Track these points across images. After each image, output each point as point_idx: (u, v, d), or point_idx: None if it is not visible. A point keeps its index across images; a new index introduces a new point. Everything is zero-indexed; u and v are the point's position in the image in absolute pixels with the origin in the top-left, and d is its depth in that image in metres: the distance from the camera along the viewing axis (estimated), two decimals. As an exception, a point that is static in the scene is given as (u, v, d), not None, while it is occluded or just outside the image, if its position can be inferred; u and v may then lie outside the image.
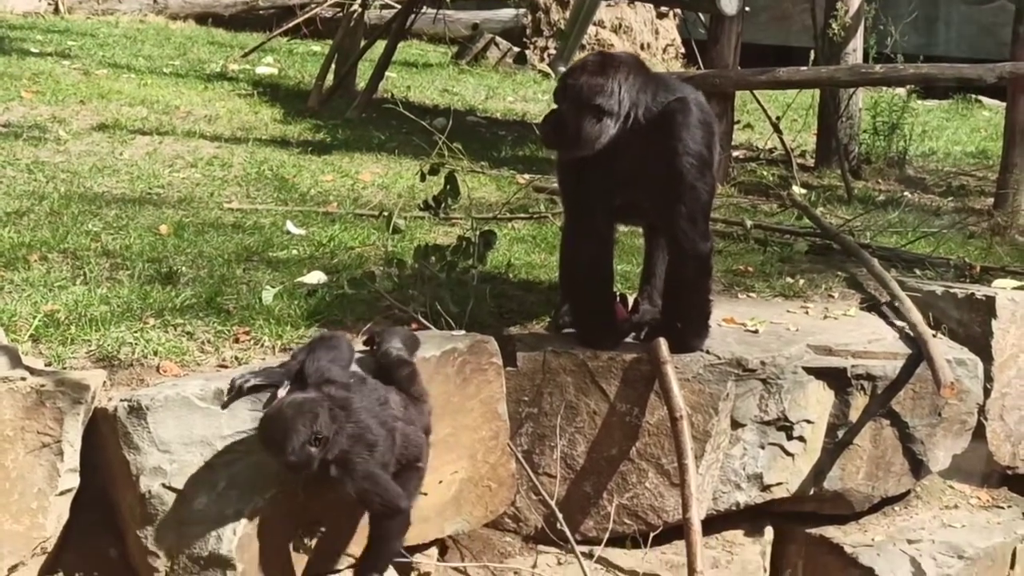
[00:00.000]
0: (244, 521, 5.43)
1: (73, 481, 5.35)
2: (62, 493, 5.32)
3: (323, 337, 5.71)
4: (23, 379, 5.23)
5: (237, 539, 5.41)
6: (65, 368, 5.70)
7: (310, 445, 5.17)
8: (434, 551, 6.29)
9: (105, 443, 5.45)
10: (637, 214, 6.74)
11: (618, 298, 6.68)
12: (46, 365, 5.67)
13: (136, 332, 6.11)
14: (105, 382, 5.62)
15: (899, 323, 7.19)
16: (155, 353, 5.96)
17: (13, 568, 5.24)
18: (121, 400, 5.38)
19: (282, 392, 5.44)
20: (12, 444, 5.17)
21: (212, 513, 5.41)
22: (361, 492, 5.30)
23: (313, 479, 5.30)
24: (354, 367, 5.60)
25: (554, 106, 6.29)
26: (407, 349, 5.74)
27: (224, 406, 5.44)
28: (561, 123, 6.18)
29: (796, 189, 10.14)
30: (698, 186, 6.21)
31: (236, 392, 5.45)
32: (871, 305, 7.51)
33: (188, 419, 5.38)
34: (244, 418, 5.43)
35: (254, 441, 5.36)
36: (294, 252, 7.54)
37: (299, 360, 5.53)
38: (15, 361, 5.34)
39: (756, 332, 6.84)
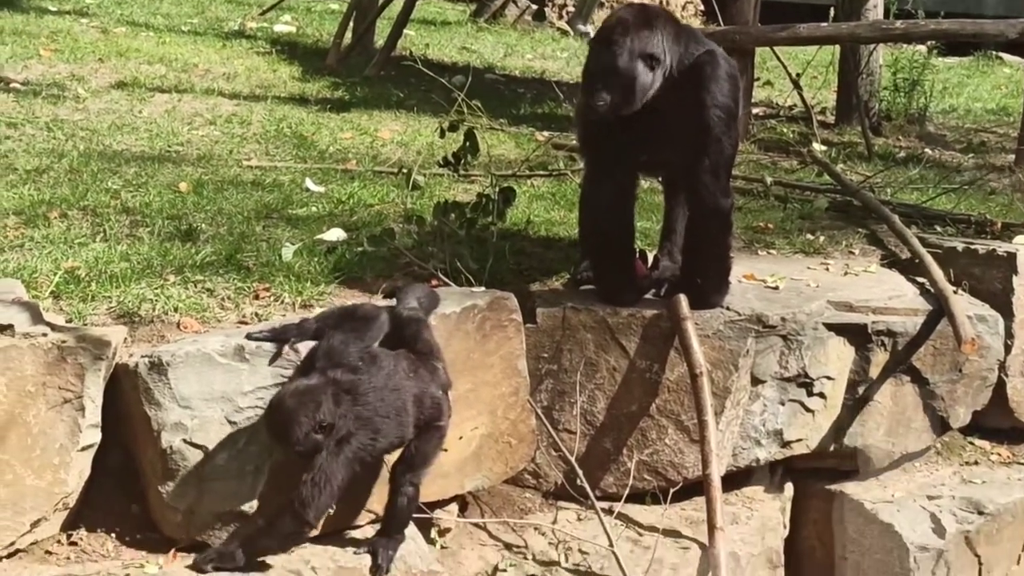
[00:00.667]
0: (265, 477, 5.45)
1: (94, 437, 5.36)
2: (83, 449, 5.33)
3: (347, 313, 5.65)
4: (44, 335, 5.23)
5: (257, 495, 5.43)
6: (86, 324, 5.71)
7: (315, 433, 5.17)
8: (454, 507, 6.31)
9: (126, 399, 5.46)
10: (659, 168, 6.72)
11: (637, 255, 6.67)
12: (67, 321, 5.67)
13: (156, 289, 6.12)
14: (126, 338, 5.62)
15: (920, 279, 7.17)
16: (175, 309, 5.96)
17: (35, 523, 5.25)
18: (142, 356, 5.39)
19: (287, 349, 5.47)
20: (34, 400, 5.18)
21: (233, 469, 5.42)
22: (314, 480, 5.24)
23: None
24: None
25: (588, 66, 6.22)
26: (422, 307, 5.72)
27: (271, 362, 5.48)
28: (614, 80, 6.08)
29: (816, 146, 10.12)
30: (723, 140, 6.19)
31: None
32: (892, 261, 7.50)
33: (209, 375, 5.38)
34: (265, 374, 5.44)
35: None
36: (313, 209, 7.53)
37: (316, 324, 5.53)
38: (36, 317, 5.34)
39: (776, 288, 6.83)
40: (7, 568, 5.24)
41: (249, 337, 5.49)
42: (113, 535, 5.50)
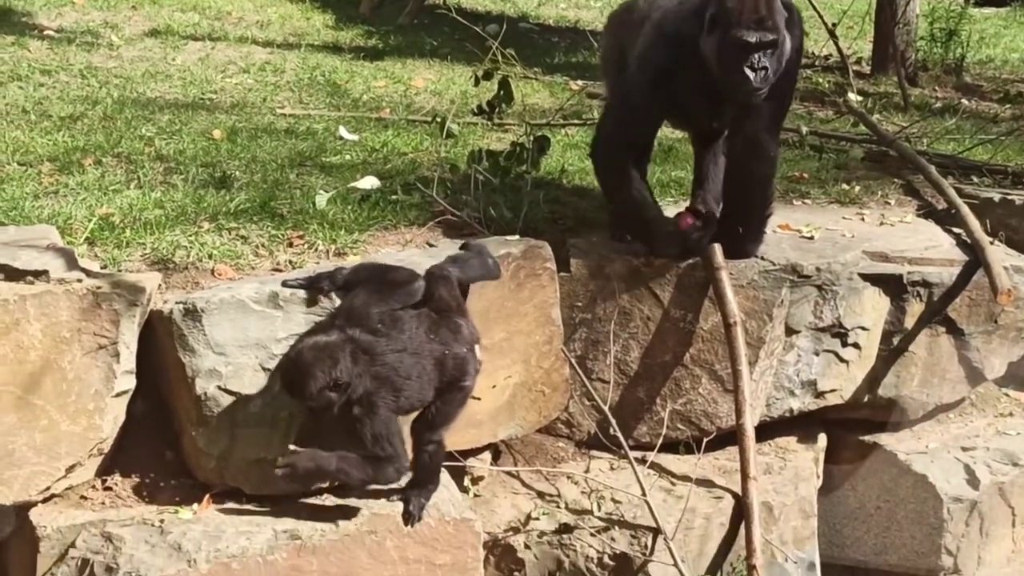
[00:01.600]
0: (297, 424, 5.45)
1: (129, 383, 5.38)
2: (118, 395, 5.34)
3: (379, 271, 5.59)
4: (79, 281, 5.25)
5: (291, 441, 5.44)
6: (120, 271, 5.72)
7: (329, 391, 5.17)
8: (487, 456, 6.32)
9: (160, 346, 5.47)
10: (713, 120, 6.59)
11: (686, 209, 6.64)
12: (102, 268, 5.69)
13: (191, 236, 6.12)
14: (160, 285, 5.64)
15: (956, 230, 7.13)
16: (210, 256, 5.96)
17: (71, 468, 5.28)
18: (176, 303, 5.40)
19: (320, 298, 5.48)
20: (69, 346, 5.20)
21: (267, 416, 5.44)
22: (375, 436, 5.28)
23: (336, 417, 5.31)
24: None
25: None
26: (459, 265, 5.68)
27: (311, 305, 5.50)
28: (774, 56, 5.93)
29: (852, 96, 10.05)
30: (789, 92, 6.19)
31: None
32: (928, 212, 7.46)
33: (243, 322, 5.39)
34: (299, 321, 5.44)
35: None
36: (347, 157, 7.52)
37: (348, 276, 5.52)
38: (71, 263, 5.35)
39: (811, 238, 6.80)
40: (43, 512, 5.28)
41: (284, 284, 5.49)
42: (147, 481, 5.53)
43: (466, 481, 6.18)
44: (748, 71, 5.85)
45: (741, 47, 5.85)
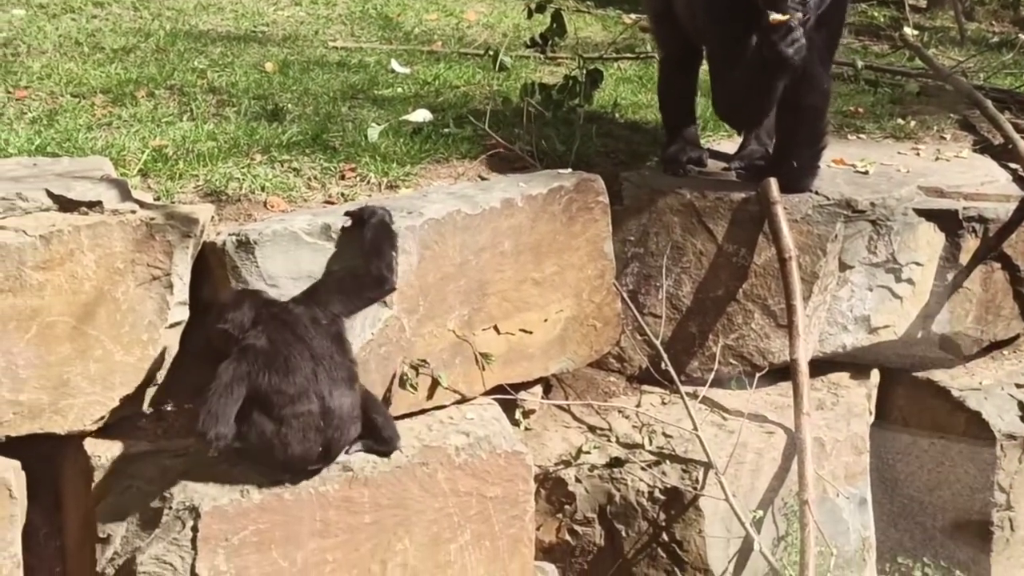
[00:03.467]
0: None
1: (182, 314, 5.39)
2: (171, 326, 5.36)
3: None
4: (133, 212, 5.26)
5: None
6: (173, 202, 5.73)
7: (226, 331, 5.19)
8: (538, 389, 6.32)
9: (213, 277, 5.48)
10: None
11: None
12: (155, 199, 5.70)
13: (243, 168, 6.13)
14: (213, 216, 5.64)
15: (1012, 165, 7.07)
16: (262, 188, 5.96)
17: (125, 398, 5.31)
18: (229, 234, 5.40)
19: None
20: (123, 277, 5.21)
21: (319, 347, 5.44)
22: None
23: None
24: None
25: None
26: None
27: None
28: None
29: (908, 30, 9.94)
30: (841, 25, 6.17)
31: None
32: (984, 147, 7.39)
33: (295, 253, 5.39)
34: (351, 253, 5.43)
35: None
36: (399, 90, 7.51)
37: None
38: (125, 194, 5.36)
39: (866, 173, 6.75)
40: (97, 442, 5.31)
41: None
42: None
43: (517, 414, 6.18)
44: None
45: None
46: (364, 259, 5.36)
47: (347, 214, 5.45)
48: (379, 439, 5.41)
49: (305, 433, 5.14)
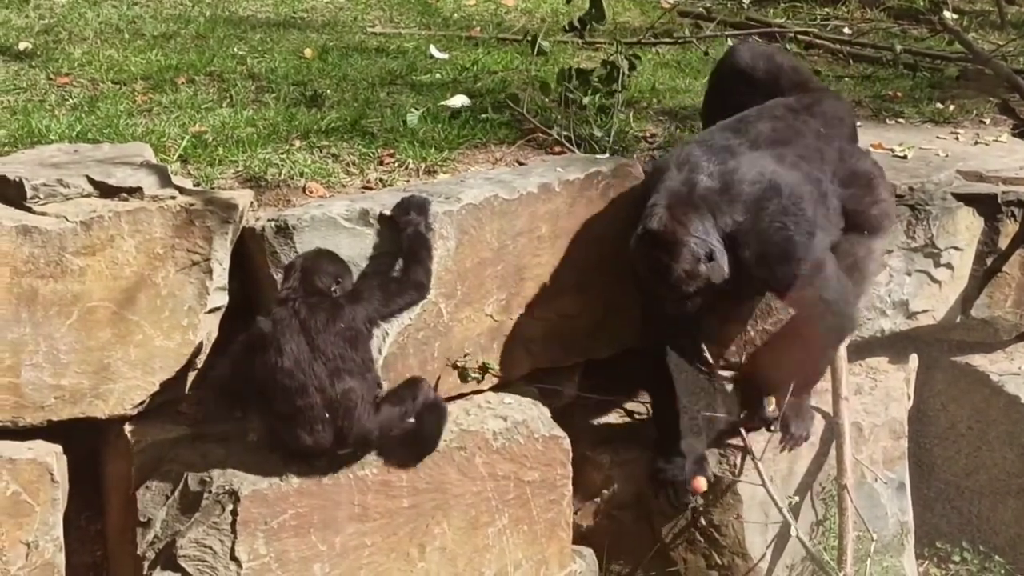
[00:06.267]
0: (390, 340, 5.49)
1: (222, 299, 5.42)
2: (211, 311, 5.39)
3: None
4: (173, 198, 5.29)
5: (383, 358, 5.47)
6: (213, 188, 5.77)
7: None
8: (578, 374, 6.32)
9: (253, 262, 5.51)
10: None
11: None
12: (195, 185, 5.72)
13: (282, 153, 6.16)
14: (252, 202, 5.67)
15: (1053, 148, 7.05)
16: (301, 174, 5.99)
17: (165, 383, 5.35)
18: (268, 220, 5.43)
19: None
20: (163, 262, 5.25)
21: (358, 333, 5.47)
22: None
23: None
24: None
25: None
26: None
27: None
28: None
29: (947, 14, 9.87)
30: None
31: None
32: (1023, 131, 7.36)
33: (334, 239, 5.41)
34: (390, 238, 5.46)
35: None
36: (437, 76, 7.52)
37: None
38: (165, 180, 5.39)
39: (905, 158, 6.74)
40: (137, 426, 5.36)
41: None
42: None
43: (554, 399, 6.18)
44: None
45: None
46: (404, 265, 5.42)
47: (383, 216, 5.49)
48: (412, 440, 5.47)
49: (312, 425, 5.18)
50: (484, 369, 5.80)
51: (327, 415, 5.16)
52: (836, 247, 5.85)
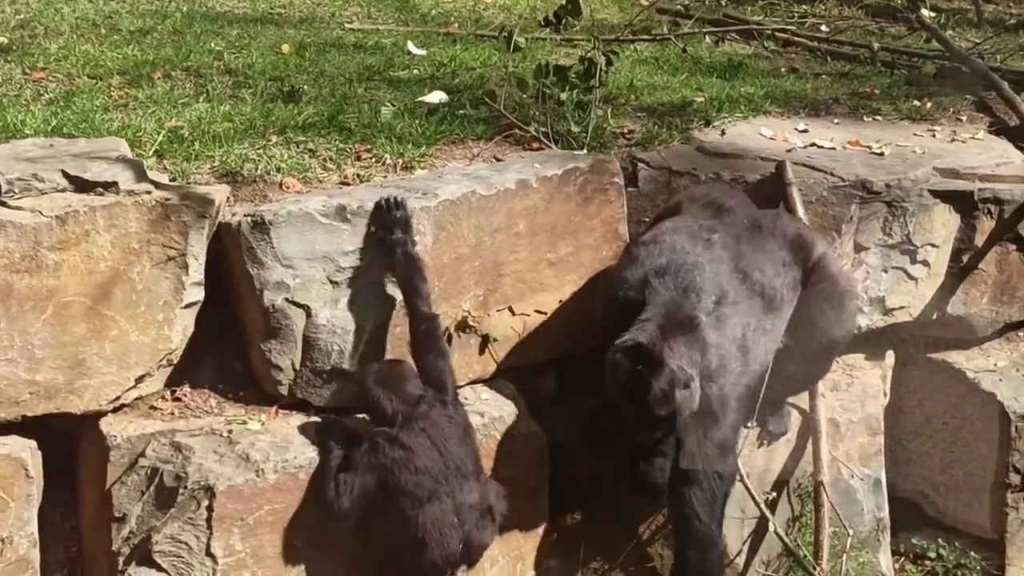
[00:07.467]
0: (367, 336, 5.48)
1: (198, 294, 5.41)
2: (187, 306, 5.38)
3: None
4: (148, 193, 5.28)
5: (360, 354, 5.47)
6: (189, 183, 5.74)
7: None
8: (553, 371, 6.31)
9: (229, 258, 5.50)
10: None
11: None
12: (171, 180, 5.71)
13: (259, 149, 6.14)
14: (229, 197, 5.65)
15: (1029, 147, 7.07)
16: (278, 169, 5.98)
17: (140, 378, 5.34)
18: (245, 215, 5.42)
19: None
20: (138, 257, 5.23)
21: (335, 328, 5.46)
22: None
23: None
24: None
25: None
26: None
27: None
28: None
29: (925, 12, 9.90)
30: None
31: None
32: (1000, 128, 7.38)
33: (311, 234, 5.41)
34: (365, 234, 5.45)
35: (375, 259, 5.44)
36: (415, 72, 7.51)
37: None
38: (140, 175, 5.37)
39: (882, 155, 6.75)
40: (113, 422, 5.35)
41: None
42: (216, 392, 5.60)
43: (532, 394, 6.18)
44: None
45: None
46: (407, 302, 5.45)
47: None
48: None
49: (442, 532, 5.20)
50: (486, 339, 5.83)
51: (456, 520, 5.24)
52: None
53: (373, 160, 6.19)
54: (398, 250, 5.41)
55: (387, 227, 5.43)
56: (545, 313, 5.98)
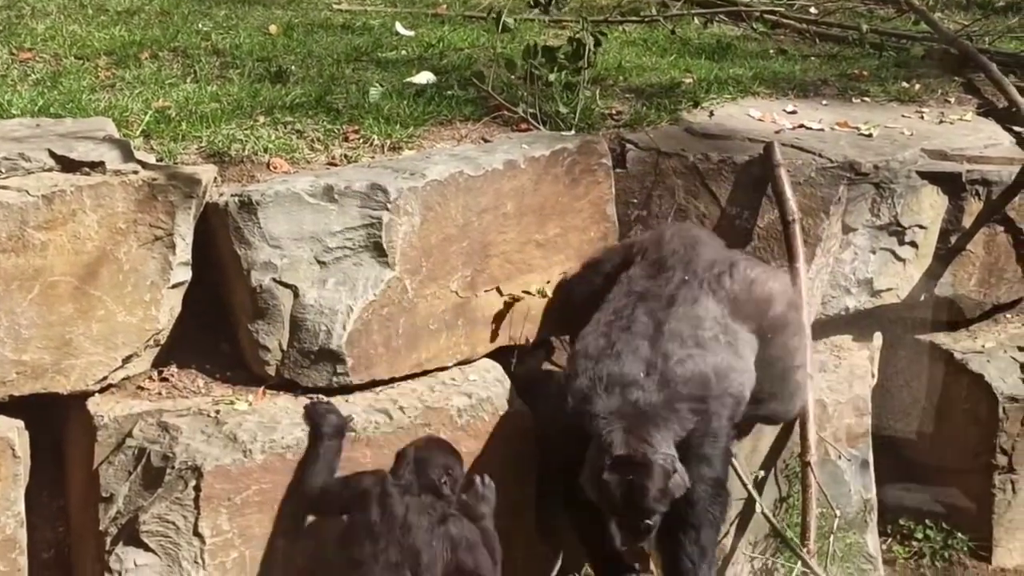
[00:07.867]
0: (355, 317, 5.48)
1: (185, 274, 5.41)
2: (174, 286, 5.38)
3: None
4: (135, 172, 5.27)
5: (347, 334, 5.46)
6: (176, 163, 5.73)
7: None
8: (542, 352, 6.31)
9: (216, 238, 5.50)
10: None
11: None
12: (158, 160, 5.69)
13: (246, 129, 6.13)
14: (216, 177, 5.64)
15: (1016, 128, 7.06)
16: (265, 150, 5.96)
17: (127, 359, 5.33)
18: (232, 195, 5.42)
19: None
20: (125, 237, 5.22)
21: (323, 308, 5.45)
22: None
23: None
24: None
25: None
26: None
27: None
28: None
29: (913, -6, 9.91)
30: None
31: None
32: (988, 110, 7.38)
33: (298, 215, 5.40)
34: (354, 215, 5.45)
35: (363, 239, 5.42)
36: (403, 53, 7.50)
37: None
38: (127, 155, 5.36)
39: (870, 136, 6.75)
40: (100, 402, 5.34)
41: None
42: (203, 372, 5.58)
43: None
44: None
45: None
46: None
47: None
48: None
49: None
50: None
51: None
52: None
53: (361, 141, 6.18)
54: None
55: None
56: (533, 293, 5.97)
